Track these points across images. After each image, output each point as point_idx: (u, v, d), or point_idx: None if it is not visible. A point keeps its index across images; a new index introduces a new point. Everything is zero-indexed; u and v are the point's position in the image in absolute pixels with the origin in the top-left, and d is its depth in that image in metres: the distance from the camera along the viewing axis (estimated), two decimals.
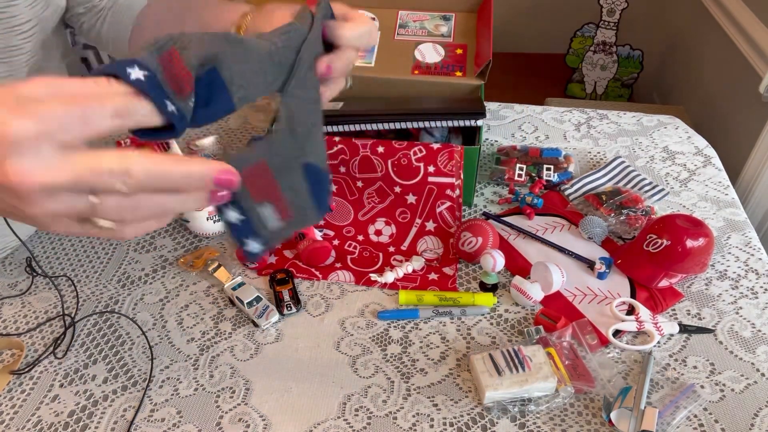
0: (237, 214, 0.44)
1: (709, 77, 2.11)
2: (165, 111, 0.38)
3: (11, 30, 0.71)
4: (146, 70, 0.37)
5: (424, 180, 0.93)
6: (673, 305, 0.84)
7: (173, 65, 0.39)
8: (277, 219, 0.47)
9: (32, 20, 0.72)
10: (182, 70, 0.39)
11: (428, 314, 0.82)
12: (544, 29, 2.86)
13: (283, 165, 0.47)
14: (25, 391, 0.74)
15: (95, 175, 0.35)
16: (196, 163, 0.38)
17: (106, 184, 0.36)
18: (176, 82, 0.39)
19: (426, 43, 1.06)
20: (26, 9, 0.71)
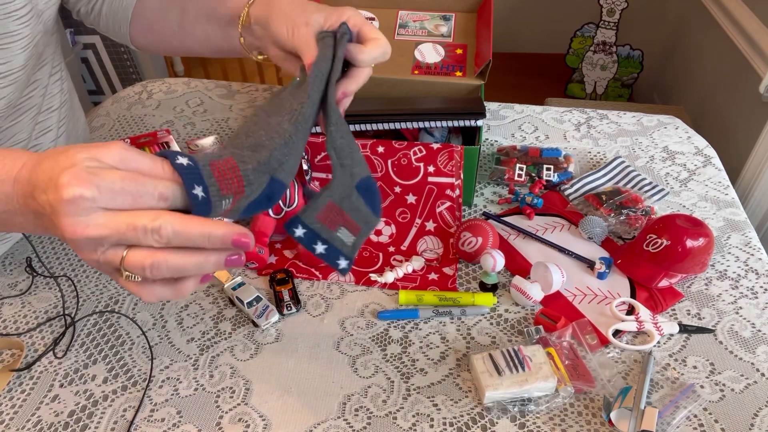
0: (321, 244, 0.53)
1: (709, 77, 2.11)
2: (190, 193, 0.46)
3: (8, 15, 0.70)
4: (192, 161, 0.46)
5: (424, 180, 0.93)
6: (673, 305, 0.84)
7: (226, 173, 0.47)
8: (352, 236, 0.56)
9: (28, 5, 0.72)
10: (237, 179, 0.47)
11: (428, 314, 0.82)
12: (544, 29, 2.86)
13: (343, 195, 0.55)
14: (25, 391, 0.74)
15: (131, 230, 0.43)
16: (218, 226, 0.45)
17: (140, 239, 0.43)
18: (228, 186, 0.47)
19: (426, 43, 1.06)
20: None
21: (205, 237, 0.44)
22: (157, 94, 1.26)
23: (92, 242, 0.43)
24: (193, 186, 0.45)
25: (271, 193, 0.51)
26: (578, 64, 2.68)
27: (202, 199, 0.45)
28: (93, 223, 0.42)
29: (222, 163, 0.47)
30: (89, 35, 2.55)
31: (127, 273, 0.45)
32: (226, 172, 0.47)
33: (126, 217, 0.43)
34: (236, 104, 1.23)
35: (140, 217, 0.43)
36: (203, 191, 0.45)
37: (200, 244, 0.45)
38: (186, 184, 0.45)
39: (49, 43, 0.85)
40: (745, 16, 1.84)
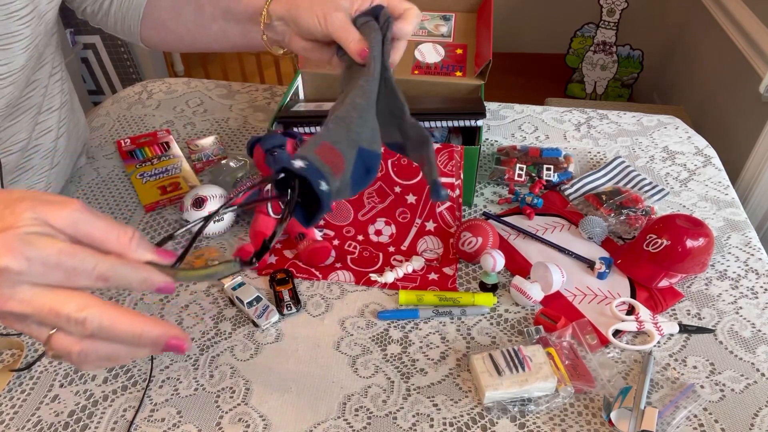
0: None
1: (709, 77, 2.11)
2: (318, 189, 0.48)
3: (10, 16, 0.70)
4: (305, 160, 0.48)
5: (424, 180, 0.93)
6: (673, 305, 0.84)
7: (328, 154, 0.49)
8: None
9: (29, 6, 0.72)
10: (336, 157, 0.50)
11: (428, 314, 0.82)
12: (544, 29, 2.86)
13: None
14: (25, 391, 0.74)
15: (53, 316, 0.40)
16: (151, 325, 0.43)
17: (63, 327, 0.41)
18: (333, 164, 0.49)
19: (426, 43, 1.06)
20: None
21: (135, 337, 0.42)
22: (157, 94, 1.26)
23: (15, 316, 0.41)
24: (319, 183, 0.47)
25: (365, 163, 0.53)
26: (578, 64, 2.68)
27: (326, 192, 0.47)
28: (17, 297, 0.39)
29: (321, 149, 0.49)
30: (89, 35, 2.54)
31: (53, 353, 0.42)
32: (329, 156, 0.49)
33: (52, 299, 0.40)
34: (236, 104, 1.23)
35: (66, 303, 0.40)
36: (327, 186, 0.48)
37: (129, 343, 0.42)
38: (314, 184, 0.47)
39: (50, 43, 0.85)
40: (745, 16, 1.84)
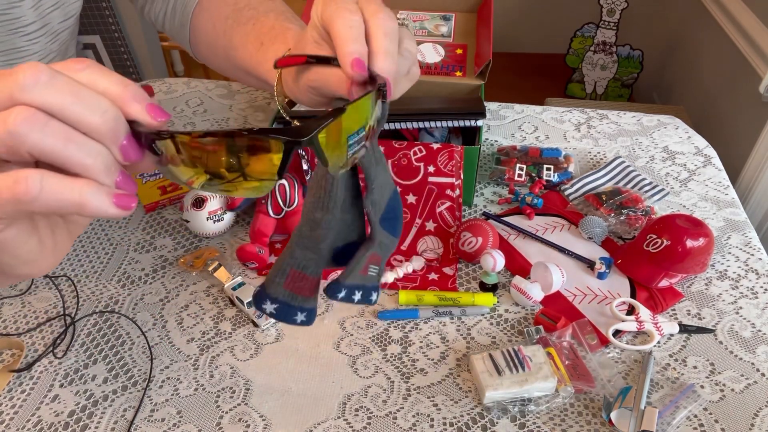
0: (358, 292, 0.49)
1: (709, 77, 2.11)
2: (295, 323, 0.46)
3: (15, 32, 0.70)
4: (277, 304, 0.45)
5: (424, 180, 0.93)
6: (673, 305, 0.84)
7: (298, 282, 0.46)
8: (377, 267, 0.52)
9: (37, 22, 0.72)
10: (306, 280, 0.46)
11: (428, 314, 0.82)
12: (544, 29, 2.86)
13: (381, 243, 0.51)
14: (25, 391, 0.74)
15: None
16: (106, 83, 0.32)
17: None
18: (306, 290, 0.46)
19: (426, 43, 1.06)
20: (30, 11, 0.71)
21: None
22: (157, 94, 1.26)
23: None
24: (294, 319, 0.46)
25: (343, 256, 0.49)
26: (578, 64, 2.68)
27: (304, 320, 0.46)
28: None
29: (290, 280, 0.46)
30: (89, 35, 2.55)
31: None
32: (299, 283, 0.46)
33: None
34: (236, 104, 1.23)
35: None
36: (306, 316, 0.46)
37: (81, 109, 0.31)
38: (289, 322, 0.46)
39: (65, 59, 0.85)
40: (745, 16, 1.84)
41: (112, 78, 0.32)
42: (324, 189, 0.45)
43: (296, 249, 0.46)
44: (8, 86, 0.29)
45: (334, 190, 0.45)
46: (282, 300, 0.46)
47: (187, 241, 0.94)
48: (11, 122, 0.28)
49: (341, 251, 0.49)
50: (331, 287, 0.48)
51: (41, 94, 0.29)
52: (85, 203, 0.30)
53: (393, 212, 0.50)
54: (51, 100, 0.29)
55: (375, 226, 0.49)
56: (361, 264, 0.49)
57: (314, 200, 0.45)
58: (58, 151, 0.29)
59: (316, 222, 0.45)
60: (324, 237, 0.46)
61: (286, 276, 0.46)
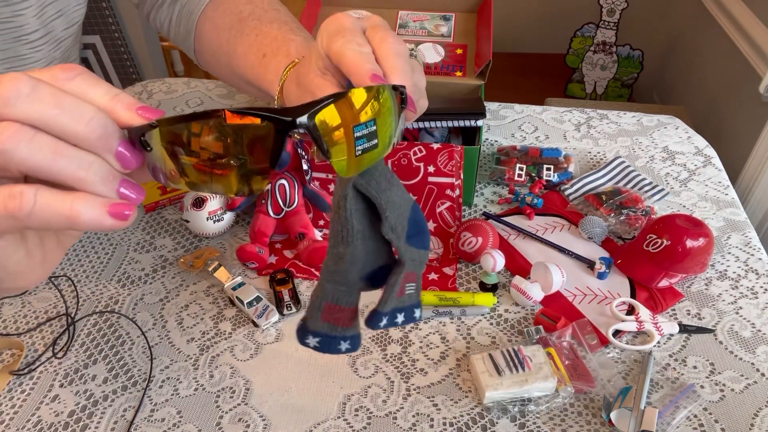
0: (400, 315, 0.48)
1: (709, 77, 2.11)
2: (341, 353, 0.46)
3: (18, 40, 0.71)
4: (319, 337, 0.45)
5: (424, 180, 0.93)
6: (673, 305, 0.84)
7: (334, 313, 0.46)
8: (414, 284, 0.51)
9: (40, 30, 0.72)
10: (342, 311, 0.46)
11: (428, 314, 0.82)
12: (544, 29, 2.86)
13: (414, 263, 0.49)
14: (25, 391, 0.74)
15: None
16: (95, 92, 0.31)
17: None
18: (344, 320, 0.46)
19: (426, 43, 1.06)
20: (33, 19, 0.71)
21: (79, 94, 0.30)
22: (157, 94, 1.26)
23: None
24: (338, 349, 0.46)
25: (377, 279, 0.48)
26: (578, 64, 2.68)
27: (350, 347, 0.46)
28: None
29: (326, 313, 0.46)
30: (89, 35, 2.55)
31: None
32: (336, 315, 0.46)
33: None
34: (236, 104, 1.23)
35: None
36: (349, 344, 0.46)
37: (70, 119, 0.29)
38: (333, 351, 0.46)
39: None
40: (745, 16, 1.84)
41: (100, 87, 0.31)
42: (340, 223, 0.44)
43: (326, 284, 0.46)
44: None
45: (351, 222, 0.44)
46: (323, 333, 0.46)
47: (187, 241, 0.94)
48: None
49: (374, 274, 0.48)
50: (372, 319, 0.47)
51: (24, 107, 0.28)
52: (76, 217, 0.29)
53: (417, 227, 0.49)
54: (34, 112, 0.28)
55: (401, 249, 0.48)
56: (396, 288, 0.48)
57: (335, 235, 0.45)
58: (48, 166, 0.28)
59: (339, 256, 0.45)
60: (350, 269, 0.46)
61: (322, 310, 0.46)
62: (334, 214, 0.45)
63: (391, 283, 0.47)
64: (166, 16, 0.81)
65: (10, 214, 0.28)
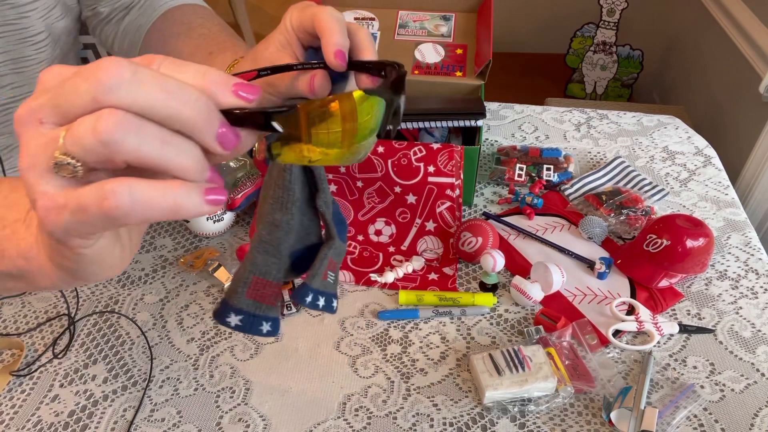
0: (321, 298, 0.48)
1: (709, 77, 2.11)
2: (261, 335, 0.44)
3: (23, 41, 0.71)
4: (242, 315, 0.43)
5: (424, 180, 0.93)
6: (673, 305, 0.84)
7: (261, 289, 0.44)
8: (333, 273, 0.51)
9: (45, 31, 0.73)
10: (271, 286, 0.45)
11: (428, 314, 0.82)
12: (544, 29, 2.85)
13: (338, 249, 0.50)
14: (25, 391, 0.74)
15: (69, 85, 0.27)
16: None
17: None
18: (269, 298, 0.45)
19: (426, 43, 1.06)
20: (38, 21, 0.72)
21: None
22: None
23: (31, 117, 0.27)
24: (260, 329, 0.44)
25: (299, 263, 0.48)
26: (578, 64, 2.68)
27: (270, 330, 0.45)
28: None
29: (253, 288, 0.44)
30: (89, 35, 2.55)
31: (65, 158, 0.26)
32: (263, 290, 0.45)
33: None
34: None
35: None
36: (271, 326, 0.45)
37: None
38: (254, 332, 0.44)
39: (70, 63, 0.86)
40: (745, 16, 1.84)
41: (188, 67, 0.29)
42: (283, 188, 0.44)
43: (257, 255, 0.45)
44: (89, 87, 0.25)
45: (293, 188, 0.44)
46: (246, 311, 0.45)
47: (187, 241, 0.94)
48: (102, 130, 0.25)
49: (300, 256, 0.48)
50: (299, 291, 0.47)
51: (127, 93, 0.25)
52: (180, 207, 0.27)
53: (339, 215, 0.50)
54: (140, 98, 0.26)
55: (330, 225, 0.48)
56: (326, 263, 0.48)
57: (272, 202, 0.44)
58: (156, 157, 0.26)
59: (275, 224, 0.45)
60: (284, 239, 0.45)
61: (248, 285, 0.44)
62: (273, 181, 0.44)
63: (321, 256, 0.48)
64: (112, 31, 0.83)
65: (106, 215, 0.26)
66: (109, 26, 0.83)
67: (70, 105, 0.26)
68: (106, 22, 0.83)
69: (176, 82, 0.27)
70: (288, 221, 0.45)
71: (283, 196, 0.44)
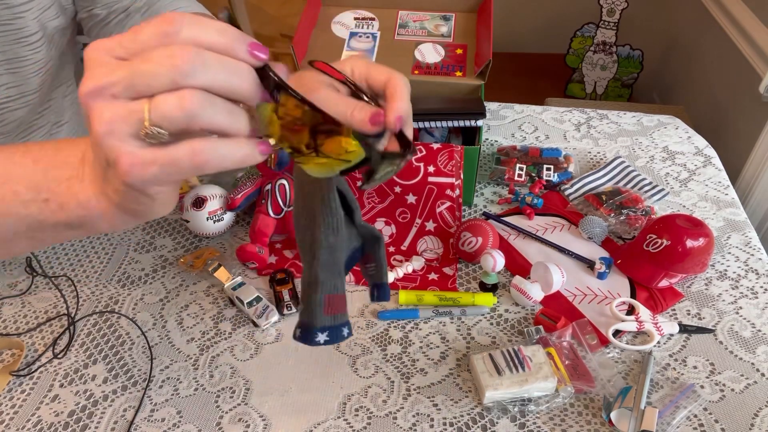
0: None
1: (709, 77, 2.11)
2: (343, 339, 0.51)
3: (18, 41, 0.71)
4: (326, 331, 0.50)
5: (424, 180, 0.93)
6: (673, 305, 0.84)
7: (334, 303, 0.51)
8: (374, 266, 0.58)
9: (39, 32, 0.73)
10: (340, 298, 0.51)
11: (428, 314, 0.82)
12: (544, 29, 2.85)
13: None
14: (25, 391, 0.74)
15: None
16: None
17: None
18: (341, 307, 0.51)
19: (426, 43, 1.06)
20: (33, 21, 0.71)
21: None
22: None
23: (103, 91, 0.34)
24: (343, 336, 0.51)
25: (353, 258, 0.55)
26: (578, 64, 2.68)
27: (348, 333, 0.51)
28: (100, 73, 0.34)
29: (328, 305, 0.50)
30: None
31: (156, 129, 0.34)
32: (336, 304, 0.51)
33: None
34: None
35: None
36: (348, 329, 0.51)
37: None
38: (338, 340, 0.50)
39: (64, 65, 0.85)
40: (745, 16, 1.84)
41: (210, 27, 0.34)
42: (331, 215, 0.50)
43: (323, 278, 0.50)
44: (168, 73, 0.32)
45: (339, 212, 0.50)
46: (329, 326, 0.51)
47: (187, 241, 0.94)
48: (188, 107, 0.32)
49: (349, 257, 0.54)
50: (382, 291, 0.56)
51: (201, 76, 0.33)
52: (246, 157, 0.35)
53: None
54: (211, 81, 0.33)
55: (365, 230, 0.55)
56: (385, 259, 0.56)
57: (324, 228, 0.50)
58: (225, 123, 0.34)
59: (333, 247, 0.50)
60: (341, 257, 0.52)
61: (324, 305, 0.50)
62: (320, 213, 0.50)
63: (379, 256, 0.56)
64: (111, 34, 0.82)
65: (196, 167, 0.34)
66: (107, 28, 0.82)
67: (147, 86, 0.33)
68: (104, 24, 0.82)
69: (231, 61, 0.34)
70: (341, 241, 0.51)
71: (332, 222, 0.50)
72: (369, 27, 1.09)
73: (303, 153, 0.37)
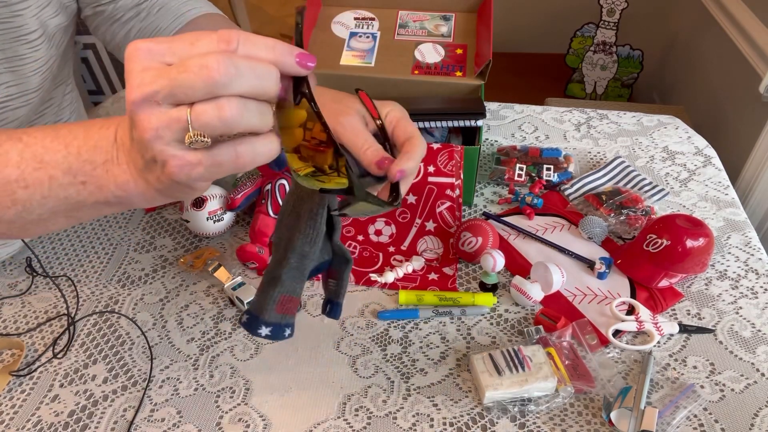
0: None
1: (709, 77, 2.11)
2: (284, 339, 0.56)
3: (17, 39, 0.71)
4: (271, 326, 0.54)
5: (424, 180, 0.93)
6: (673, 305, 0.84)
7: (286, 304, 0.55)
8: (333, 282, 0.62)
9: (39, 29, 0.72)
10: (293, 302, 0.55)
11: (428, 314, 0.82)
12: (544, 29, 2.85)
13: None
14: (25, 391, 0.74)
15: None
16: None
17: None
18: (292, 309, 0.56)
19: (426, 43, 1.06)
20: (32, 19, 0.71)
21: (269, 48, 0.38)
22: None
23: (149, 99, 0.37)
24: (284, 336, 0.55)
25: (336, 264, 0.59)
26: (578, 64, 2.68)
27: (291, 334, 0.56)
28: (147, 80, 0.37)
29: (281, 305, 0.54)
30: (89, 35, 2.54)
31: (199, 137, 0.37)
32: (287, 305, 0.55)
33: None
34: None
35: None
36: (290, 330, 0.56)
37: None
38: (279, 338, 0.55)
39: (65, 64, 0.85)
40: (745, 16, 1.84)
41: (259, 43, 0.37)
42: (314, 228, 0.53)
43: (286, 278, 0.54)
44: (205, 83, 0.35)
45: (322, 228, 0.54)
46: (274, 322, 0.54)
47: (187, 241, 0.94)
48: (227, 116, 0.36)
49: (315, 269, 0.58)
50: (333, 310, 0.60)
51: (236, 86, 0.36)
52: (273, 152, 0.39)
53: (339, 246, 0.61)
54: (244, 87, 0.36)
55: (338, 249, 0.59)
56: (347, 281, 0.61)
57: (303, 237, 0.53)
58: (258, 125, 0.38)
59: (305, 255, 0.54)
60: (309, 265, 0.55)
61: (277, 302, 0.54)
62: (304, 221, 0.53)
63: (343, 277, 0.59)
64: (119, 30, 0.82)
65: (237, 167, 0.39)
66: (115, 25, 0.82)
67: (185, 96, 0.36)
68: (112, 21, 0.82)
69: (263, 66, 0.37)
70: (315, 252, 0.55)
71: (312, 234, 0.54)
72: (369, 27, 1.09)
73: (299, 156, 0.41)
